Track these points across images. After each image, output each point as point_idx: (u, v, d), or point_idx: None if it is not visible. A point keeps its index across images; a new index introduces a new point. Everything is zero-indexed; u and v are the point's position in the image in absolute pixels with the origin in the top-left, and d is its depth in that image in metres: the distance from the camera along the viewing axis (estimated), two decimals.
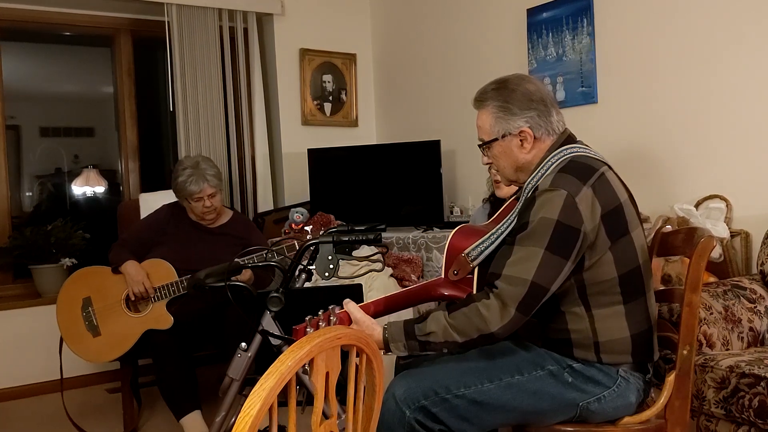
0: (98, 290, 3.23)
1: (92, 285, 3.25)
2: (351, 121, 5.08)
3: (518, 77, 1.90)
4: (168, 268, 3.23)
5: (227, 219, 3.50)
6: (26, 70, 5.41)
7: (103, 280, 3.25)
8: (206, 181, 3.28)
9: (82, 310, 3.21)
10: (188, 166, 3.33)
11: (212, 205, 3.33)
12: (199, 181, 3.27)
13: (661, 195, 3.29)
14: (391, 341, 1.75)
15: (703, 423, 2.36)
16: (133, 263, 3.22)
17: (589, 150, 1.86)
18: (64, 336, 3.20)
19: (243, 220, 3.63)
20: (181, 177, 3.30)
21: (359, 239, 2.03)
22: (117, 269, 3.24)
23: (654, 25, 3.36)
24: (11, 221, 4.25)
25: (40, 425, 3.51)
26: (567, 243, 1.68)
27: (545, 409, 1.78)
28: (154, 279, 3.20)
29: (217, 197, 3.35)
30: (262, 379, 0.93)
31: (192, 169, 3.30)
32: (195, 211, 3.36)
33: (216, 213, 3.40)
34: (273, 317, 2.08)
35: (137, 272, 3.19)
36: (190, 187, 3.27)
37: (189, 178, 3.28)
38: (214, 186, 3.32)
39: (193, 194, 3.29)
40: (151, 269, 3.23)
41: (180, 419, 3.01)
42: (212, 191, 3.32)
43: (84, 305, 3.21)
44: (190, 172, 3.29)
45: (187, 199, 3.33)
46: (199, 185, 3.27)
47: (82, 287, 3.25)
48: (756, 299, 2.63)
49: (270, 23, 4.78)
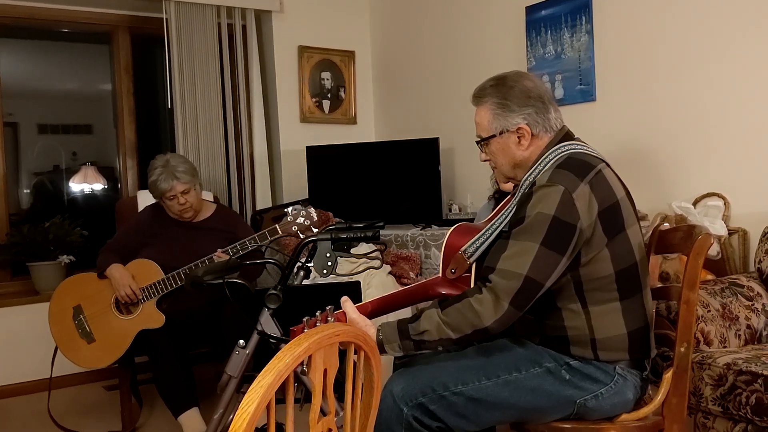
0: (87, 297, 3.22)
1: (81, 292, 3.24)
2: (349, 119, 5.08)
3: (516, 74, 1.91)
4: (153, 266, 3.21)
5: (210, 213, 3.46)
6: (24, 67, 5.40)
7: (91, 286, 3.24)
8: (176, 179, 3.23)
9: (74, 319, 3.20)
10: (158, 165, 3.28)
11: (187, 201, 3.29)
12: (169, 179, 3.23)
13: (659, 193, 3.29)
14: (386, 342, 1.75)
15: (700, 420, 2.36)
16: (117, 266, 3.20)
17: (586, 147, 1.86)
18: (60, 346, 3.20)
19: (227, 213, 3.59)
20: (152, 177, 3.27)
21: (357, 236, 2.03)
22: (102, 274, 3.23)
23: (652, 23, 3.36)
24: (9, 218, 4.25)
25: (38, 422, 3.51)
26: (563, 238, 1.69)
27: (543, 406, 1.78)
28: (140, 279, 3.19)
29: (191, 193, 3.30)
30: (260, 376, 0.93)
31: (162, 167, 3.26)
32: (172, 210, 3.32)
33: (193, 209, 3.35)
34: (271, 314, 2.08)
35: (122, 275, 3.17)
36: (161, 185, 3.24)
37: (159, 176, 3.24)
38: (185, 182, 3.26)
39: (165, 192, 3.25)
40: (136, 270, 3.21)
41: (178, 417, 3.01)
42: (184, 188, 3.26)
43: (75, 313, 3.20)
44: (160, 170, 3.25)
45: (162, 198, 3.30)
46: (168, 183, 3.23)
47: (71, 296, 3.24)
48: (753, 297, 2.64)
49: (268, 20, 4.78)
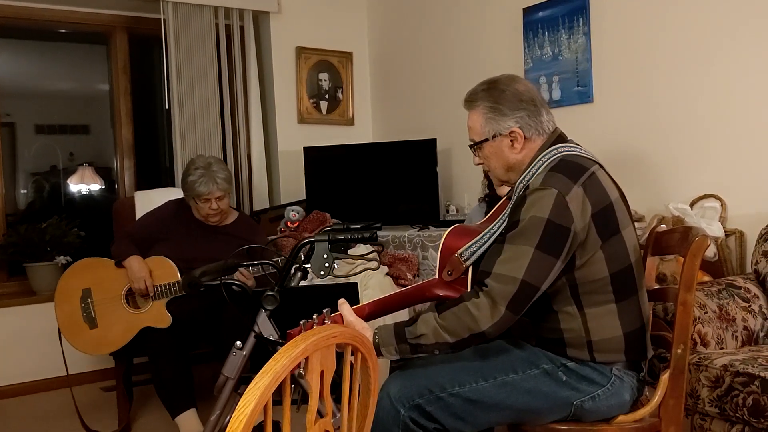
0: (99, 282, 3.21)
1: (94, 276, 3.22)
2: (347, 120, 5.08)
3: (508, 78, 1.91)
4: (171, 267, 3.21)
5: (232, 220, 3.47)
6: (21, 68, 5.40)
7: (104, 272, 3.23)
8: (216, 184, 3.24)
9: (81, 301, 3.18)
10: (200, 167, 3.28)
11: (219, 207, 3.30)
12: (209, 183, 3.23)
13: (656, 194, 3.30)
14: (382, 345, 1.75)
15: (697, 421, 2.36)
16: (137, 258, 3.20)
17: (580, 149, 1.86)
18: (61, 326, 3.17)
19: (248, 222, 3.61)
20: (191, 176, 3.26)
21: (355, 237, 2.03)
22: (120, 263, 3.22)
23: (649, 25, 3.37)
24: (6, 219, 4.24)
25: (35, 423, 3.51)
26: (557, 242, 1.69)
27: (540, 407, 1.78)
28: (156, 277, 3.19)
29: (224, 200, 3.32)
30: (257, 378, 0.93)
31: (203, 170, 3.26)
32: (200, 212, 3.33)
33: (221, 216, 3.38)
34: (268, 316, 2.08)
35: (140, 268, 3.17)
36: (199, 188, 3.24)
37: (200, 179, 3.23)
38: (223, 189, 3.28)
39: (201, 195, 3.25)
40: (155, 267, 3.21)
41: (175, 417, 3.01)
42: (221, 194, 3.28)
43: (83, 296, 3.19)
44: (201, 172, 3.25)
45: (194, 198, 3.29)
46: (208, 187, 3.23)
47: (83, 278, 3.22)
48: (750, 298, 2.64)
49: (266, 21, 4.78)
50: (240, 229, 3.46)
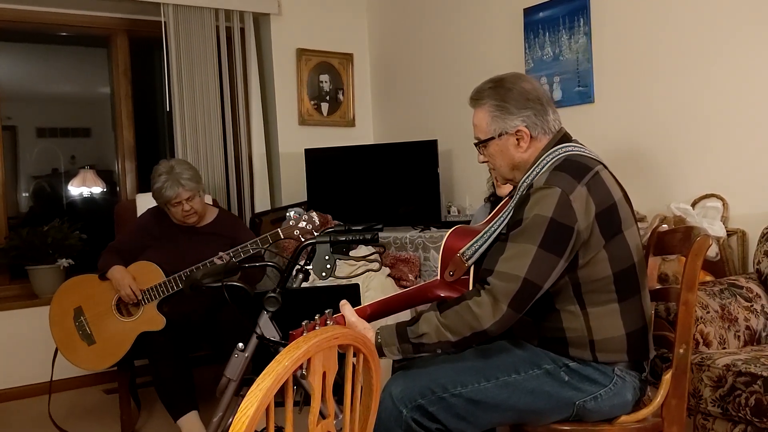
0: (88, 298, 3.22)
1: (82, 294, 3.24)
2: (348, 121, 5.08)
3: (515, 76, 1.90)
4: (154, 269, 3.21)
5: (213, 218, 3.45)
6: (23, 71, 5.40)
7: (92, 287, 3.24)
8: (181, 186, 3.21)
9: (75, 320, 3.20)
10: (163, 172, 3.25)
11: (191, 208, 3.27)
12: (174, 186, 3.20)
13: (657, 194, 3.30)
14: (385, 345, 1.75)
15: (699, 421, 2.36)
16: (119, 268, 3.20)
17: (584, 149, 1.86)
18: (60, 347, 3.20)
19: (229, 218, 3.58)
20: (156, 183, 3.24)
21: (356, 239, 2.03)
22: (104, 275, 3.23)
23: (650, 24, 3.36)
24: (8, 222, 4.24)
25: (37, 426, 3.51)
26: (560, 241, 1.69)
27: (542, 407, 1.78)
28: (141, 281, 3.19)
29: (195, 200, 3.28)
30: (259, 380, 0.93)
31: (167, 174, 3.23)
32: (176, 216, 3.31)
33: (197, 215, 3.34)
34: (270, 317, 2.08)
35: (123, 276, 3.17)
36: (166, 193, 3.21)
37: (164, 183, 3.21)
38: (190, 189, 3.24)
39: (170, 200, 3.22)
40: (138, 272, 3.21)
41: (177, 420, 3.01)
42: (189, 194, 3.24)
43: (76, 315, 3.20)
44: (165, 177, 3.22)
45: (166, 205, 3.28)
46: (174, 190, 3.20)
47: (72, 297, 3.24)
48: (752, 298, 2.64)
49: (267, 23, 4.78)
50: (223, 226, 3.43)
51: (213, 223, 3.44)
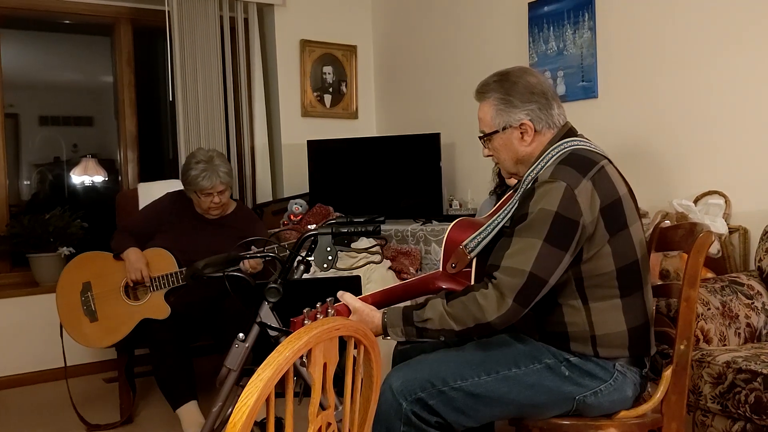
0: (99, 276, 3.23)
1: (93, 270, 3.24)
2: (351, 113, 5.07)
3: (520, 69, 1.90)
4: (169, 258, 3.22)
5: (230, 210, 3.46)
6: (26, 59, 5.40)
7: (104, 265, 3.24)
8: (219, 178, 3.23)
9: (81, 295, 3.21)
10: (202, 160, 3.25)
11: (220, 201, 3.30)
12: (212, 177, 3.21)
13: (660, 190, 3.29)
14: (390, 326, 1.77)
15: (699, 418, 2.36)
16: (135, 250, 3.21)
17: (589, 143, 1.86)
18: (62, 320, 3.20)
19: (246, 212, 3.60)
20: (193, 170, 3.24)
21: (358, 231, 2.03)
22: (118, 256, 3.23)
23: (655, 20, 3.35)
24: (9, 210, 4.25)
25: (38, 414, 3.52)
26: (565, 235, 1.68)
27: (542, 402, 1.78)
28: (154, 268, 3.20)
29: (226, 194, 3.32)
30: (260, 370, 0.93)
31: (206, 163, 3.23)
32: (201, 206, 3.32)
33: (221, 210, 3.37)
34: (271, 308, 2.08)
35: (137, 259, 3.18)
36: (201, 182, 3.21)
37: (202, 173, 3.21)
38: (225, 183, 3.27)
39: (204, 189, 3.24)
40: (153, 258, 3.22)
41: (176, 409, 3.02)
42: (223, 188, 3.27)
43: (83, 290, 3.21)
44: (203, 167, 3.22)
45: (196, 192, 3.28)
46: (211, 181, 3.21)
47: (83, 271, 3.24)
48: (753, 295, 2.64)
49: (270, 14, 4.77)
50: (238, 219, 3.45)
51: (230, 215, 3.45)
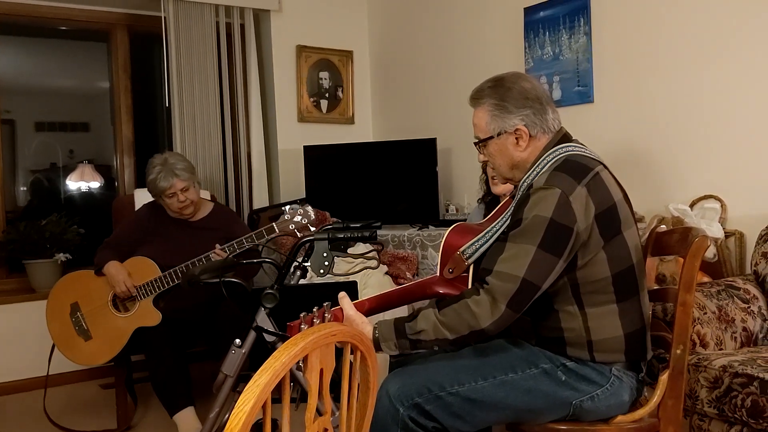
0: (84, 294, 3.23)
1: (78, 290, 3.24)
2: (347, 119, 5.08)
3: (514, 75, 1.90)
4: (150, 264, 3.21)
5: (208, 212, 3.45)
6: (22, 65, 5.39)
7: (88, 283, 3.25)
8: (176, 176, 3.23)
9: (71, 316, 3.21)
10: (157, 164, 3.27)
11: (187, 198, 3.28)
12: (168, 177, 3.22)
13: (656, 195, 3.30)
14: (382, 340, 1.75)
15: (695, 422, 2.36)
16: (114, 264, 3.21)
17: (584, 149, 1.86)
18: (57, 343, 3.21)
19: (224, 212, 3.59)
20: (151, 175, 3.26)
21: (354, 236, 2.03)
22: (100, 271, 3.23)
23: (650, 25, 3.36)
24: (5, 216, 4.24)
25: (34, 420, 3.50)
26: (559, 241, 1.69)
27: (539, 407, 1.78)
28: (136, 277, 3.19)
29: (190, 190, 3.30)
30: (256, 376, 0.93)
31: (161, 165, 3.25)
32: (171, 208, 3.31)
33: (194, 206, 3.35)
34: (267, 314, 2.08)
35: (118, 272, 3.18)
36: (160, 183, 3.23)
37: (158, 174, 3.23)
38: (185, 180, 3.26)
39: (165, 191, 3.24)
40: (133, 267, 3.21)
41: (173, 416, 3.01)
42: (184, 185, 3.26)
43: (72, 311, 3.21)
44: (159, 168, 3.24)
45: (161, 196, 3.29)
46: (168, 181, 3.22)
47: (68, 293, 3.24)
48: (749, 299, 2.64)
49: (267, 20, 4.77)
50: (217, 220, 3.44)
51: (208, 217, 3.44)
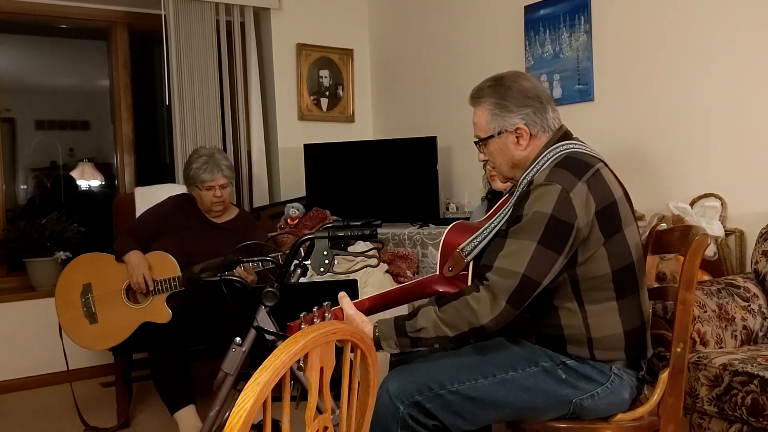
0: (100, 277, 3.21)
1: (94, 271, 3.23)
2: (347, 117, 5.07)
3: (514, 74, 1.91)
4: (171, 262, 3.22)
5: (232, 216, 3.51)
6: (22, 63, 5.39)
7: (105, 267, 3.24)
8: (220, 171, 3.33)
9: (81, 296, 3.19)
10: (204, 155, 3.37)
11: (222, 195, 3.36)
12: (213, 170, 3.31)
13: (656, 193, 3.30)
14: (383, 339, 1.75)
15: (696, 420, 2.36)
16: (137, 253, 3.21)
17: (585, 146, 1.86)
18: (61, 320, 3.18)
19: (247, 219, 3.64)
20: (195, 164, 3.34)
21: (355, 234, 2.03)
22: (121, 258, 3.22)
23: (651, 23, 3.36)
24: (5, 214, 4.24)
25: (35, 418, 3.51)
26: (560, 237, 1.69)
27: (539, 405, 1.78)
28: (156, 272, 3.19)
29: (227, 189, 3.40)
30: (257, 374, 0.93)
31: (207, 157, 3.35)
32: (204, 200, 3.37)
33: (224, 206, 3.42)
34: (268, 312, 2.08)
35: (139, 263, 3.17)
36: (203, 174, 3.31)
37: (204, 165, 3.32)
38: (227, 176, 3.37)
39: (205, 182, 3.32)
40: (155, 262, 3.21)
41: (174, 413, 3.01)
42: (224, 182, 3.36)
43: (84, 291, 3.19)
44: (205, 159, 3.34)
45: (198, 186, 3.34)
46: (212, 173, 3.31)
47: (84, 272, 3.23)
48: (750, 298, 2.64)
49: (267, 18, 4.77)
50: (240, 225, 3.48)
51: (232, 221, 3.49)
